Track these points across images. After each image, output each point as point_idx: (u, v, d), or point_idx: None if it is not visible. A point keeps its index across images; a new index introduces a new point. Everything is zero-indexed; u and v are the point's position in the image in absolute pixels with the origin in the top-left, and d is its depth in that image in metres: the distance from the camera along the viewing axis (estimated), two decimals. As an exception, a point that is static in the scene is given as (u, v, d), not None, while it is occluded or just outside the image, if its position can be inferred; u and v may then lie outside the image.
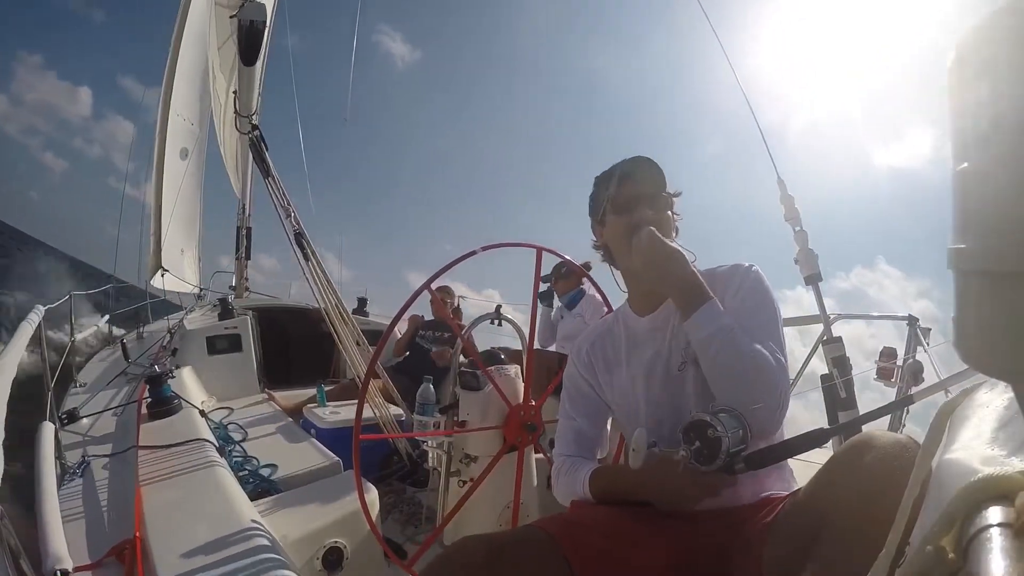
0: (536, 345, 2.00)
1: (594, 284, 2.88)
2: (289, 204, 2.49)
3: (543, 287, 3.40)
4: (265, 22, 2.25)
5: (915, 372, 2.08)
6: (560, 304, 3.60)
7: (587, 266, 3.43)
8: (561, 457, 1.31)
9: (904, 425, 2.20)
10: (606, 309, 2.26)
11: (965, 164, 0.35)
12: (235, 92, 2.45)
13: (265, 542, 1.25)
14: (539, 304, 3.51)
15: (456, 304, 4.00)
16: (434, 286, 1.71)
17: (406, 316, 3.57)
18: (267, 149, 2.46)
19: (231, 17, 2.26)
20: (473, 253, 1.72)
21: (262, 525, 1.36)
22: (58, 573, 0.98)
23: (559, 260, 3.37)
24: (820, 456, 1.06)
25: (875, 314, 2.59)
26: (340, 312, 2.56)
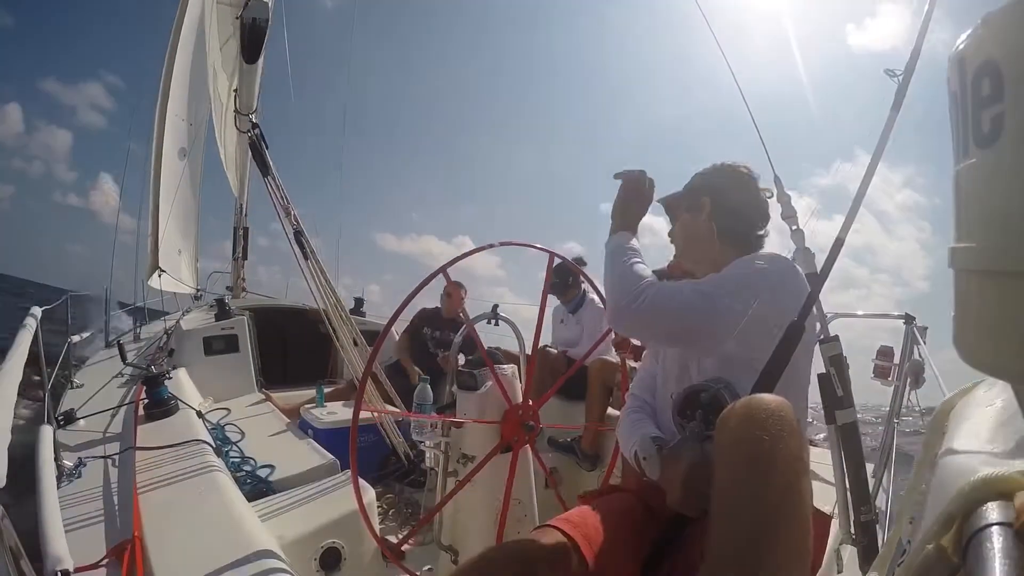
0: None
1: (589, 281, 2.88)
2: (288, 203, 2.48)
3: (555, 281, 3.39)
4: (268, 20, 2.25)
5: (916, 372, 2.07)
6: (565, 309, 3.59)
7: (580, 261, 3.42)
8: (632, 396, 1.38)
9: (899, 424, 2.20)
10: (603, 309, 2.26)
11: (965, 163, 0.35)
12: (235, 90, 2.45)
13: (262, 543, 1.25)
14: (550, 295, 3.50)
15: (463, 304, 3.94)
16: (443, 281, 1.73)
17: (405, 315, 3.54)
18: (267, 148, 2.45)
19: (237, 18, 2.26)
20: (490, 246, 1.76)
21: (260, 526, 1.36)
22: (59, 574, 0.97)
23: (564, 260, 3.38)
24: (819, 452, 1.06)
25: (872, 313, 2.60)
26: (339, 312, 2.55)
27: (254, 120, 2.44)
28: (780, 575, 0.67)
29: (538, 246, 1.84)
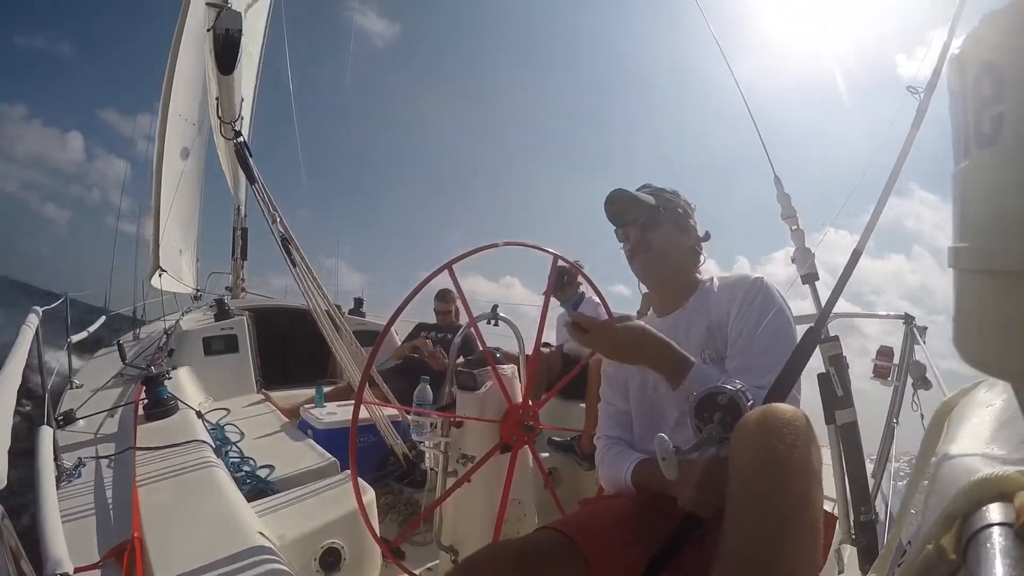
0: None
1: (589, 281, 2.90)
2: (275, 210, 2.47)
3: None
4: (240, 31, 2.23)
5: (919, 374, 2.07)
6: (564, 310, 3.62)
7: (578, 264, 3.44)
8: (604, 439, 1.36)
9: (898, 424, 2.20)
10: (603, 310, 2.27)
11: (965, 163, 0.35)
12: (218, 99, 2.45)
13: (262, 543, 1.25)
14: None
15: (456, 309, 3.95)
16: (439, 287, 1.72)
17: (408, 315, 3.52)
18: (251, 156, 2.44)
19: (207, 30, 2.24)
20: (495, 245, 1.76)
21: (259, 526, 1.36)
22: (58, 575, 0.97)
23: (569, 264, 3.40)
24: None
25: (872, 313, 2.60)
26: (331, 315, 2.54)
27: (237, 128, 2.43)
28: None
29: (542, 248, 1.86)
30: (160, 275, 5.25)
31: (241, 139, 2.44)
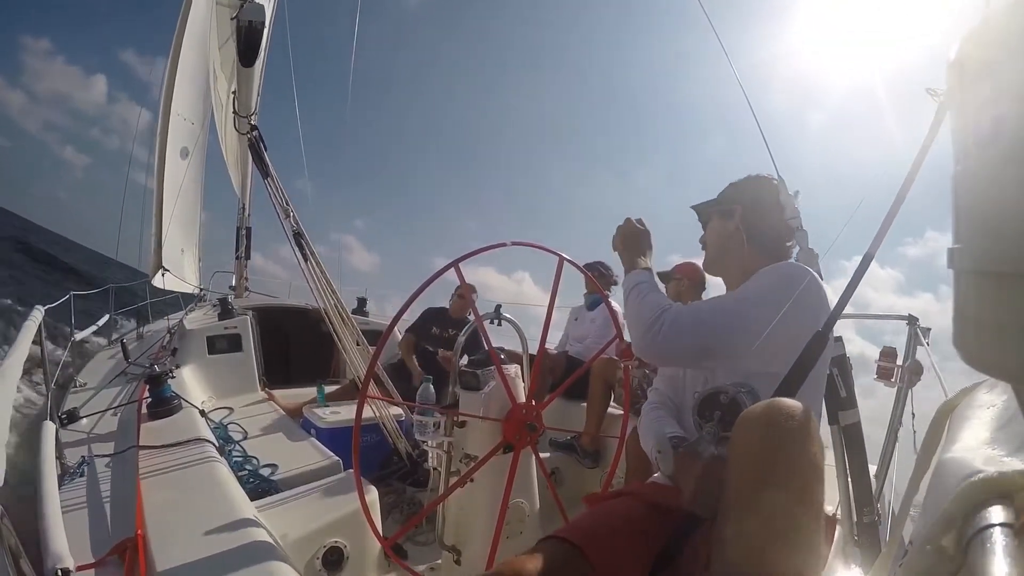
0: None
1: (594, 282, 2.91)
2: (288, 204, 2.49)
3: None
4: (264, 23, 2.26)
5: (913, 371, 2.07)
6: (583, 306, 3.62)
7: (605, 267, 3.45)
8: (654, 391, 1.41)
9: (901, 425, 2.20)
10: (614, 327, 2.28)
11: (965, 164, 0.35)
12: (234, 92, 2.46)
13: (265, 542, 1.25)
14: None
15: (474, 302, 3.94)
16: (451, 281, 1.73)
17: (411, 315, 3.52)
18: (266, 150, 2.46)
19: (232, 19, 2.27)
20: (503, 244, 1.77)
21: (262, 525, 1.36)
22: (59, 572, 0.98)
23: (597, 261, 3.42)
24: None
25: (875, 313, 2.60)
26: (340, 312, 2.56)
27: (253, 122, 2.45)
28: None
29: (549, 249, 1.87)
30: (163, 274, 5.27)
31: (256, 132, 2.47)
